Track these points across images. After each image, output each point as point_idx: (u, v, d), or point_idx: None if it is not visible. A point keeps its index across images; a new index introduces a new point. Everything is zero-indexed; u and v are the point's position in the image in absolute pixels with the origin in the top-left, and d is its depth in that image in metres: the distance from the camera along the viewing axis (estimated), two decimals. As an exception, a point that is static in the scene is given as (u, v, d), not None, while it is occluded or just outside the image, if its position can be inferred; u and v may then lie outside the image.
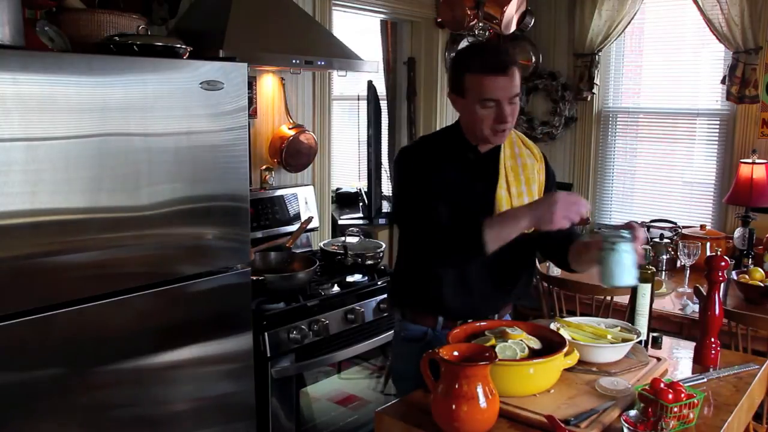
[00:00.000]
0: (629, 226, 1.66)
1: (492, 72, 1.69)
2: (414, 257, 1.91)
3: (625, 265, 1.61)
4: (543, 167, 1.96)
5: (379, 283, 2.80)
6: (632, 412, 1.43)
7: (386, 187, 4.75)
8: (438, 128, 4.04)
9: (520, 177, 1.87)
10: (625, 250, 1.61)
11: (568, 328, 1.78)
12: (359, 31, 4.60)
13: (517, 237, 1.72)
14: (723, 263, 1.78)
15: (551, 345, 1.60)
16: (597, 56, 4.18)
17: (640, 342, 1.82)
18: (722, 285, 1.84)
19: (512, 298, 2.02)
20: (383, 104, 4.54)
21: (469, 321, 1.81)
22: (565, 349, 1.56)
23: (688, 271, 3.07)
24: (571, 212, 1.62)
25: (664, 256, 3.32)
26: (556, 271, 3.05)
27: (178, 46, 1.95)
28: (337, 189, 5.05)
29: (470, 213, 1.76)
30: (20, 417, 1.67)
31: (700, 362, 1.84)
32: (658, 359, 1.78)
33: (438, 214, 1.76)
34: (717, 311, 1.81)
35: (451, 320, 1.87)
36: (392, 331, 2.76)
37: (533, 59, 4.38)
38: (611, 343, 1.72)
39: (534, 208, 1.68)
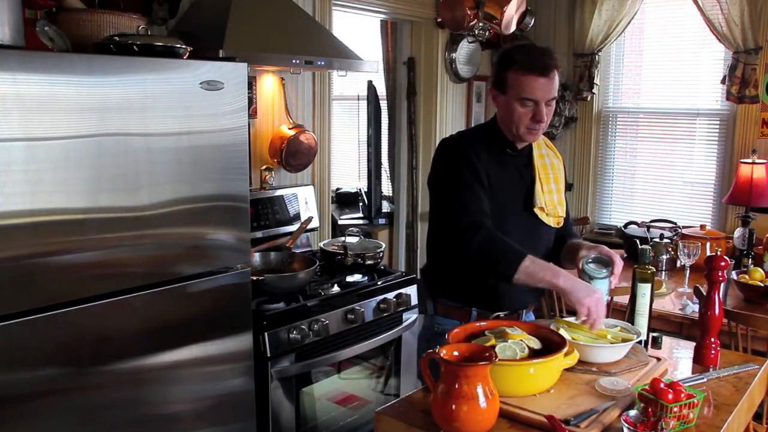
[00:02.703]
0: (611, 260, 1.80)
1: (534, 72, 1.79)
2: (447, 249, 1.94)
3: None
4: (563, 169, 2.07)
5: (379, 283, 2.81)
6: (632, 412, 1.43)
7: (386, 187, 4.75)
8: (438, 128, 4.10)
9: (549, 175, 1.98)
10: (599, 284, 1.78)
11: (568, 328, 1.78)
12: (359, 31, 4.60)
13: (553, 229, 1.97)
14: (723, 263, 1.78)
15: (551, 345, 1.60)
16: (597, 56, 4.18)
17: (640, 342, 1.82)
18: (722, 285, 1.84)
19: (540, 295, 2.10)
20: (383, 104, 4.54)
21: (502, 315, 1.91)
22: (565, 349, 1.56)
23: (688, 271, 3.07)
24: (596, 310, 1.70)
25: (664, 256, 3.32)
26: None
27: (178, 46, 1.95)
28: (337, 189, 5.06)
29: (508, 207, 1.89)
30: (20, 417, 1.67)
31: (700, 362, 1.84)
32: (658, 359, 1.78)
33: (482, 209, 1.82)
34: (717, 311, 1.81)
35: (485, 314, 1.94)
36: (392, 331, 2.79)
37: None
38: (611, 343, 1.72)
39: (576, 281, 1.75)
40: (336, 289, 2.73)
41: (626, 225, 3.81)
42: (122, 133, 1.78)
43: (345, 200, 5.04)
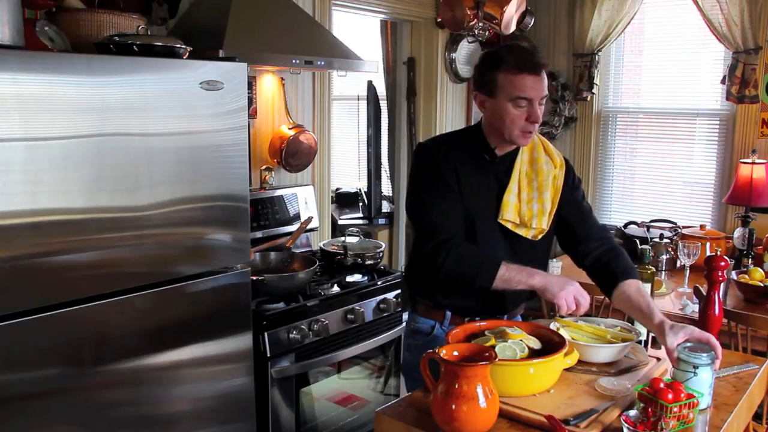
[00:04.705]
0: (710, 345, 1.59)
1: (526, 71, 1.72)
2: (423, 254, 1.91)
3: (703, 385, 1.51)
4: (562, 174, 1.94)
5: (379, 283, 2.81)
6: (632, 412, 1.43)
7: (386, 187, 4.75)
8: (438, 128, 4.10)
9: (533, 183, 1.88)
10: (705, 371, 1.51)
11: (568, 328, 1.78)
12: (359, 31, 4.60)
13: (536, 241, 1.89)
14: (723, 263, 1.78)
15: (551, 345, 1.60)
16: (597, 56, 4.18)
17: (639, 342, 1.82)
18: (722, 285, 1.84)
19: (522, 302, 2.04)
20: (383, 104, 4.54)
21: (477, 319, 1.84)
22: (565, 349, 1.56)
23: (687, 271, 3.07)
24: (574, 301, 1.73)
25: (664, 256, 3.32)
26: (556, 271, 3.05)
27: (178, 46, 1.95)
28: (337, 189, 5.05)
29: (478, 215, 1.83)
30: (20, 417, 1.67)
31: (700, 362, 1.83)
32: (658, 359, 1.78)
33: (452, 226, 1.79)
34: (717, 311, 1.81)
35: (459, 317, 1.92)
36: (392, 331, 2.79)
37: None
38: (611, 343, 1.73)
39: (551, 277, 1.78)
40: (336, 289, 2.73)
41: (626, 225, 3.81)
42: (122, 133, 1.78)
43: (345, 200, 5.04)
